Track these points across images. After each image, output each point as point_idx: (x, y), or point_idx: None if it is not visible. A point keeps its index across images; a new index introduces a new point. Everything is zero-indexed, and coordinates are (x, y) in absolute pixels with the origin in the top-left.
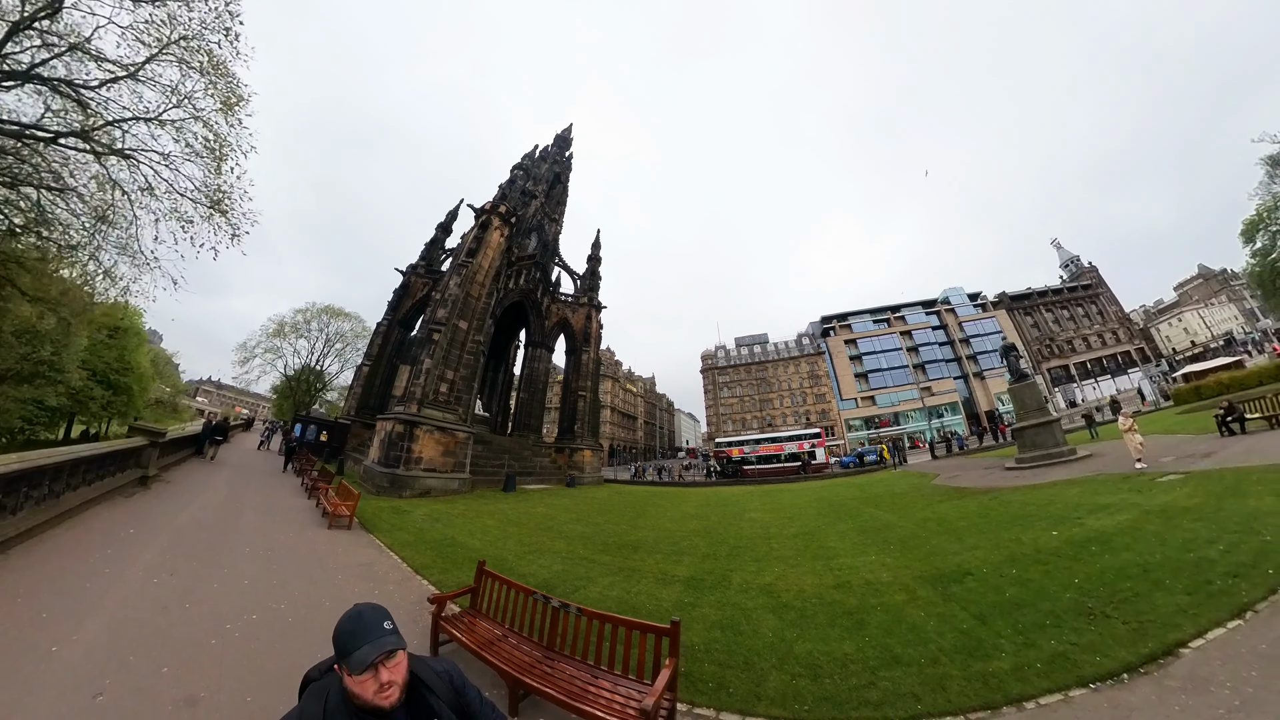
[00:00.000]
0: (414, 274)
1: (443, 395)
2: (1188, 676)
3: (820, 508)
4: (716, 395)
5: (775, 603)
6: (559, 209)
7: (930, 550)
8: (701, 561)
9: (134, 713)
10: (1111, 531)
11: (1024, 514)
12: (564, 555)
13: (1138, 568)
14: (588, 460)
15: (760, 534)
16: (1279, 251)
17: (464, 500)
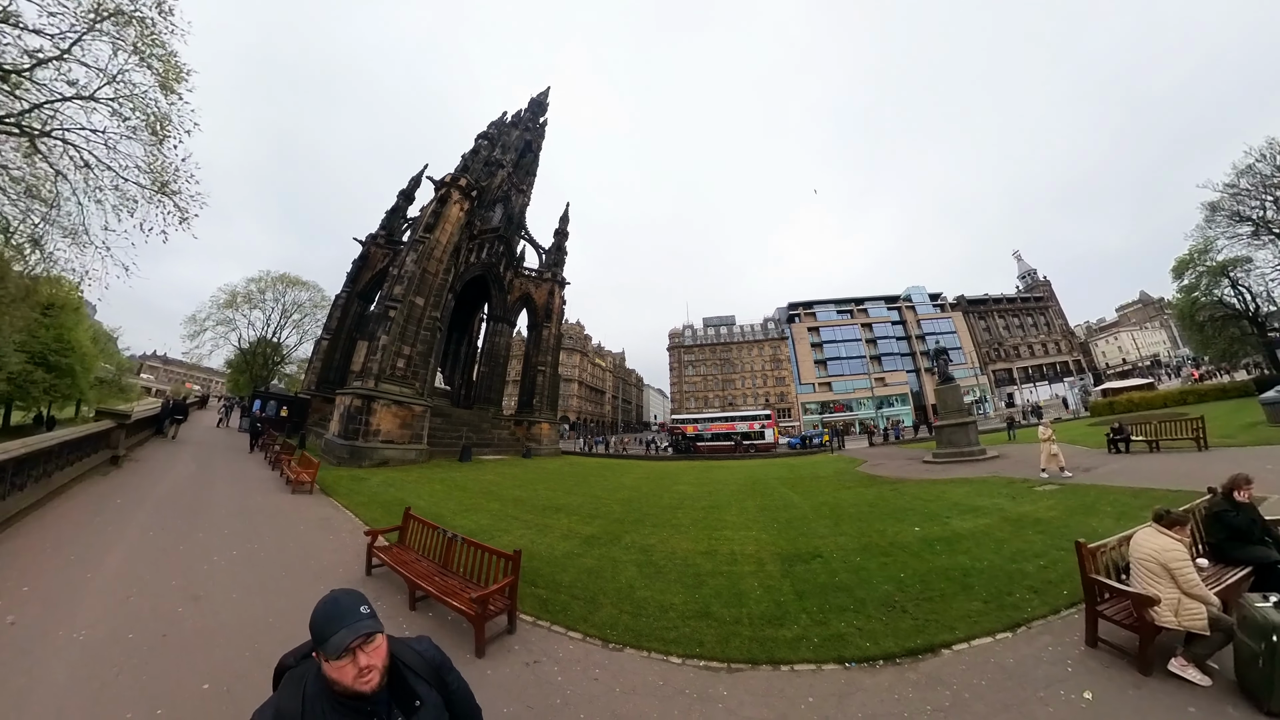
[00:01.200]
0: (374, 244)
1: (400, 370)
2: (928, 674)
3: (743, 484)
4: (681, 373)
5: (644, 559)
6: (528, 180)
7: (805, 532)
8: (608, 523)
9: (156, 608)
10: (965, 533)
11: (907, 507)
12: (494, 513)
13: (961, 571)
14: (545, 433)
15: (674, 504)
16: (1200, 290)
17: (419, 469)
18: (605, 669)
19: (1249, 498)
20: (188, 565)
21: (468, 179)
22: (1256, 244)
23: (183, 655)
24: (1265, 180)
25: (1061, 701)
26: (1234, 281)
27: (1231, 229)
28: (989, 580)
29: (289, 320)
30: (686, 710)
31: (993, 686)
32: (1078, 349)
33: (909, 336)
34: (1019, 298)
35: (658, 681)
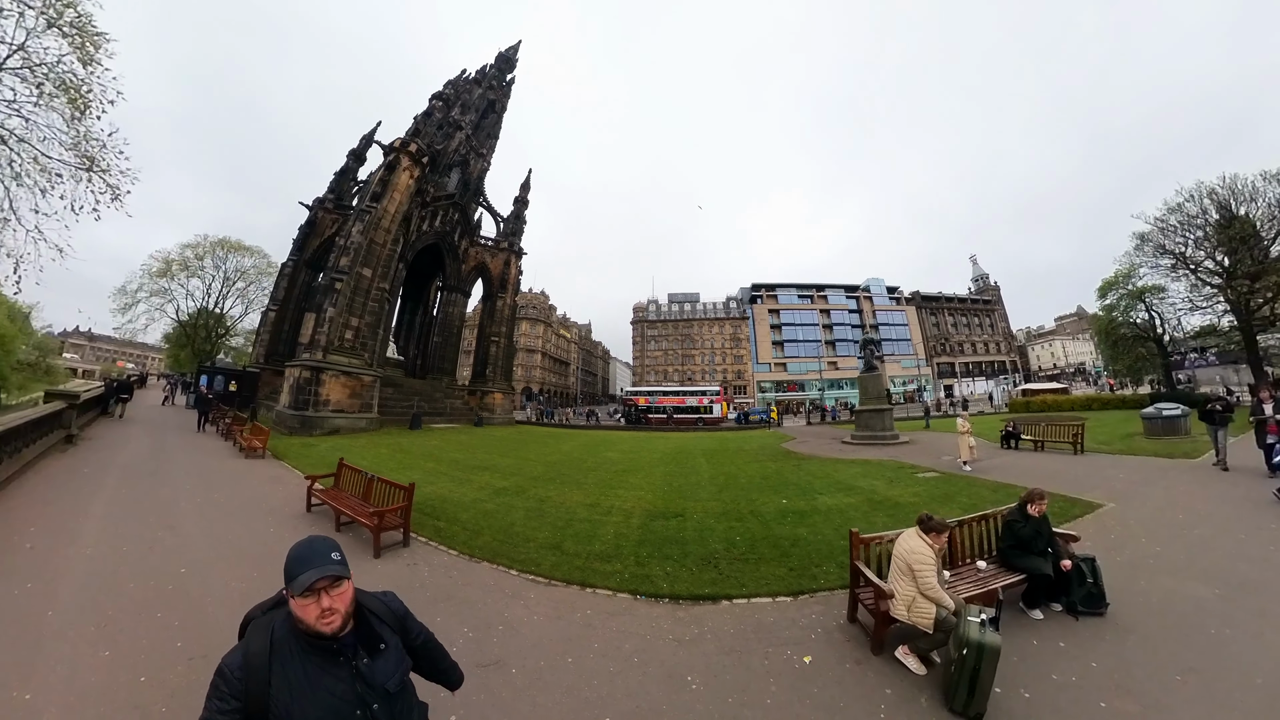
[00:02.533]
0: (322, 209)
1: (348, 342)
2: (694, 615)
3: (667, 454)
4: (644, 347)
5: (536, 507)
6: (489, 143)
7: (686, 495)
8: (523, 480)
9: (140, 534)
10: (823, 509)
11: (793, 482)
12: (427, 470)
13: (791, 541)
14: (498, 402)
15: (593, 467)
16: (1119, 311)
17: (369, 436)
18: (461, 572)
19: (1040, 512)
20: (160, 509)
21: (418, 144)
22: (1173, 276)
23: (165, 557)
24: (1190, 220)
25: (783, 658)
26: (1149, 306)
27: (1155, 260)
28: (809, 551)
29: (232, 289)
30: (498, 599)
31: (736, 635)
32: (1016, 351)
33: (863, 325)
34: (970, 299)
35: (490, 583)
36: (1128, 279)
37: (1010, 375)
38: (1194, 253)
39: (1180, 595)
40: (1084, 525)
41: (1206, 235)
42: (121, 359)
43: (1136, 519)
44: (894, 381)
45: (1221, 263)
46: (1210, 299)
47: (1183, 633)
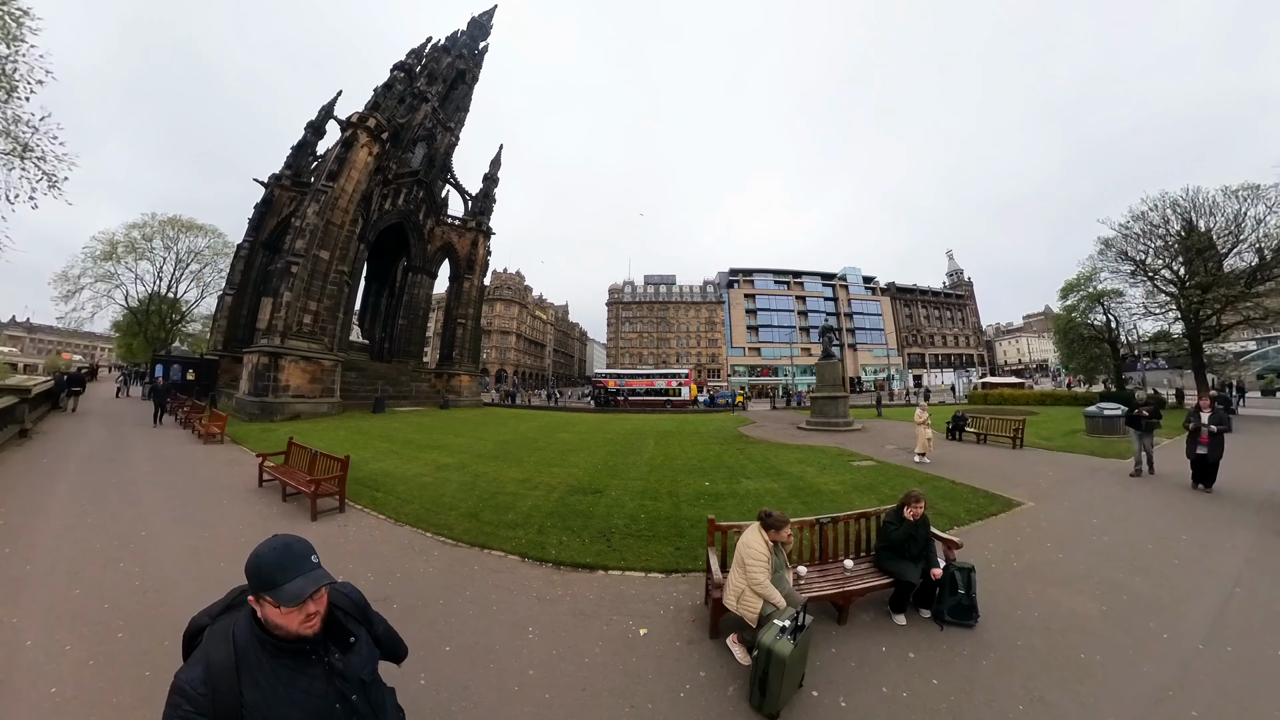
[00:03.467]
0: (278, 186)
1: (307, 326)
2: (565, 579)
3: (620, 434)
4: (619, 329)
5: (470, 481)
6: (458, 116)
7: (616, 474)
8: (468, 458)
9: (103, 509)
10: (742, 493)
11: (729, 465)
12: (380, 449)
13: (688, 522)
14: (465, 385)
15: (541, 447)
16: (1078, 312)
17: (330, 420)
18: (383, 533)
19: (916, 515)
20: (121, 488)
21: (378, 119)
22: (1132, 282)
23: (126, 525)
24: (1152, 229)
25: (622, 626)
26: (1106, 309)
27: (1116, 265)
28: (704, 534)
29: (185, 272)
30: (406, 555)
31: (593, 601)
32: (984, 346)
33: (838, 313)
34: (943, 293)
35: (405, 542)
36: (1089, 281)
37: (978, 368)
38: (1153, 261)
39: (1064, 611)
40: (995, 525)
41: (1166, 245)
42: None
43: (1049, 521)
44: (865, 370)
45: (1178, 272)
46: (1164, 306)
47: (1049, 655)
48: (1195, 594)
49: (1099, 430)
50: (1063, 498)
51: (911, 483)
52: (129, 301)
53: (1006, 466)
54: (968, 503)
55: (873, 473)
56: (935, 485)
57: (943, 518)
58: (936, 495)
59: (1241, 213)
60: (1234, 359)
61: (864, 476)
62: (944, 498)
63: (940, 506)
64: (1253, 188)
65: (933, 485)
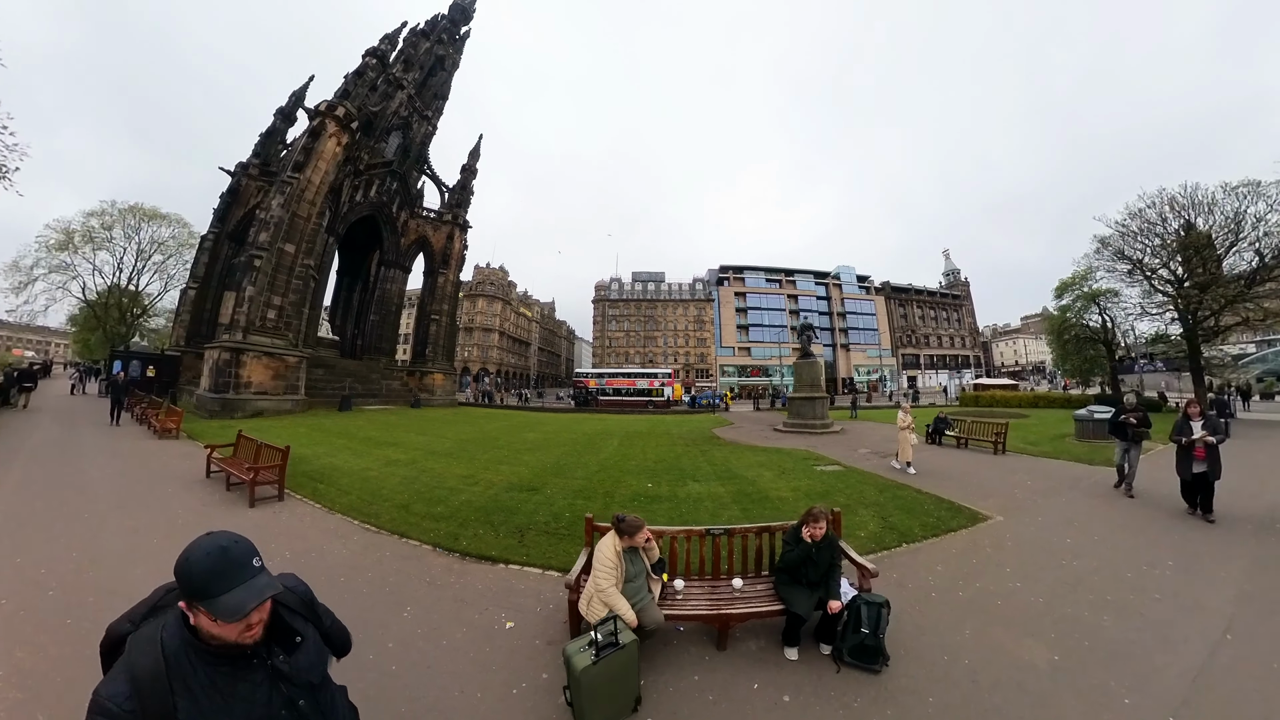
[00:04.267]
0: (245, 175)
1: (270, 321)
2: (464, 569)
3: (586, 435)
4: (605, 327)
5: (414, 476)
6: (436, 104)
7: (565, 474)
8: (421, 454)
9: (51, 495)
10: (680, 498)
11: (686, 467)
12: (336, 446)
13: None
14: (438, 383)
15: (503, 445)
16: (1073, 312)
17: (293, 418)
18: (313, 520)
19: (814, 536)
20: (69, 478)
21: (347, 107)
22: (1129, 281)
23: (72, 508)
24: (1150, 227)
25: (493, 617)
26: (1102, 309)
27: (1113, 264)
28: None
29: (148, 263)
30: (328, 538)
31: (479, 591)
32: (979, 347)
33: (831, 313)
34: (939, 292)
35: (331, 528)
36: (1084, 280)
37: (973, 370)
38: (1150, 260)
39: (1004, 658)
40: (952, 544)
41: (1164, 243)
42: (18, 346)
43: (1016, 540)
44: (858, 370)
45: (1175, 272)
46: (1161, 307)
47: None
48: (1175, 641)
49: (1088, 434)
50: (1037, 512)
51: (871, 490)
52: (86, 294)
53: (982, 474)
54: (928, 515)
55: (834, 479)
56: (897, 495)
57: (893, 533)
58: (895, 506)
59: (1241, 210)
60: (1232, 362)
61: (823, 482)
62: (903, 509)
63: (894, 519)
64: (1253, 184)
65: (894, 495)
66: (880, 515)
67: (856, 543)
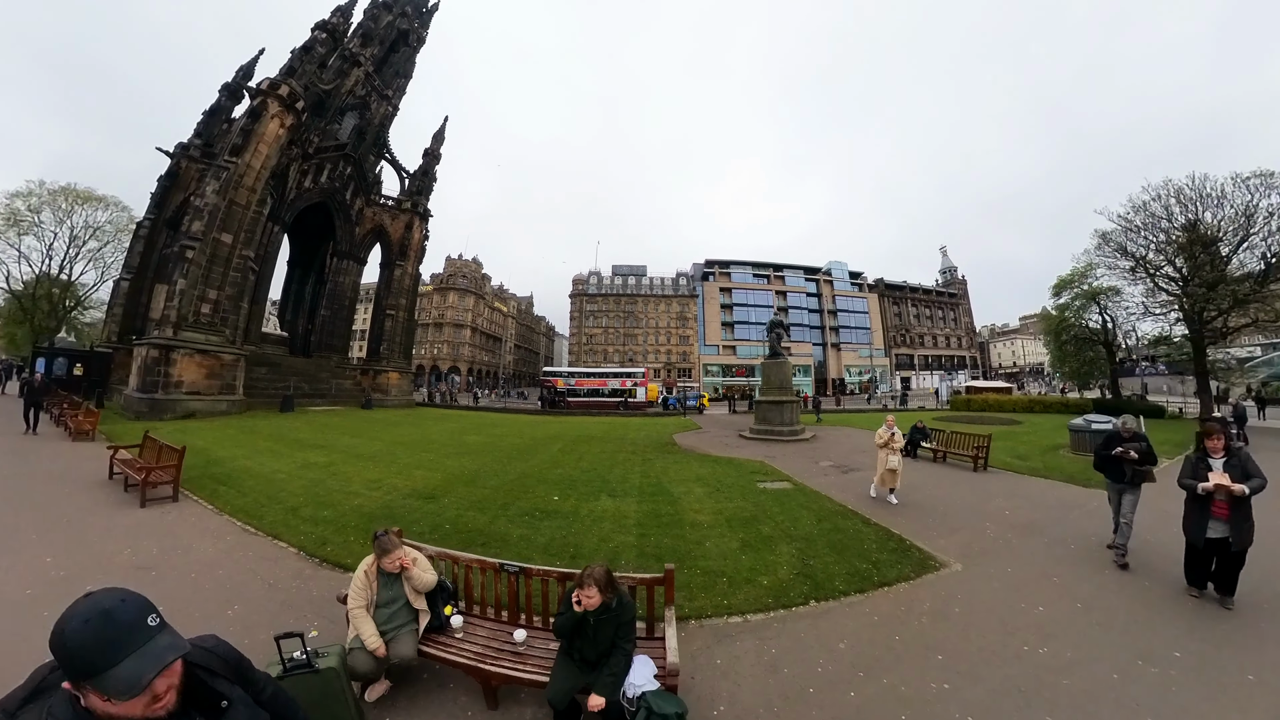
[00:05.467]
0: (186, 156)
1: (205, 317)
2: (326, 576)
3: (533, 439)
4: (582, 323)
5: (321, 480)
6: (398, 82)
7: (478, 482)
8: (346, 457)
9: None
10: (583, 514)
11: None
12: (259, 449)
13: (483, 537)
14: (394, 383)
15: (437, 448)
16: (1072, 311)
17: (226, 420)
18: (199, 520)
19: (586, 605)
20: None
21: (292, 86)
22: (1131, 279)
23: None
24: (1155, 221)
25: (310, 621)
26: (1102, 308)
27: (1115, 260)
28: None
29: (82, 251)
30: (203, 537)
31: (314, 597)
32: (976, 347)
33: (822, 310)
34: (935, 290)
35: (213, 528)
36: (1084, 277)
37: (969, 371)
38: (1154, 256)
39: None
40: (879, 604)
41: (1169, 239)
42: None
43: (968, 605)
44: (849, 371)
45: (1181, 269)
46: (1166, 306)
47: None
48: None
49: (1085, 447)
50: (1008, 558)
51: (808, 519)
52: (10, 284)
53: (954, 498)
54: (863, 559)
55: (772, 500)
56: (837, 527)
57: (805, 583)
58: (827, 543)
59: (1253, 204)
60: (1238, 365)
61: (756, 505)
62: (835, 548)
63: (818, 562)
64: (1265, 175)
65: (833, 526)
66: (802, 555)
67: (751, 594)
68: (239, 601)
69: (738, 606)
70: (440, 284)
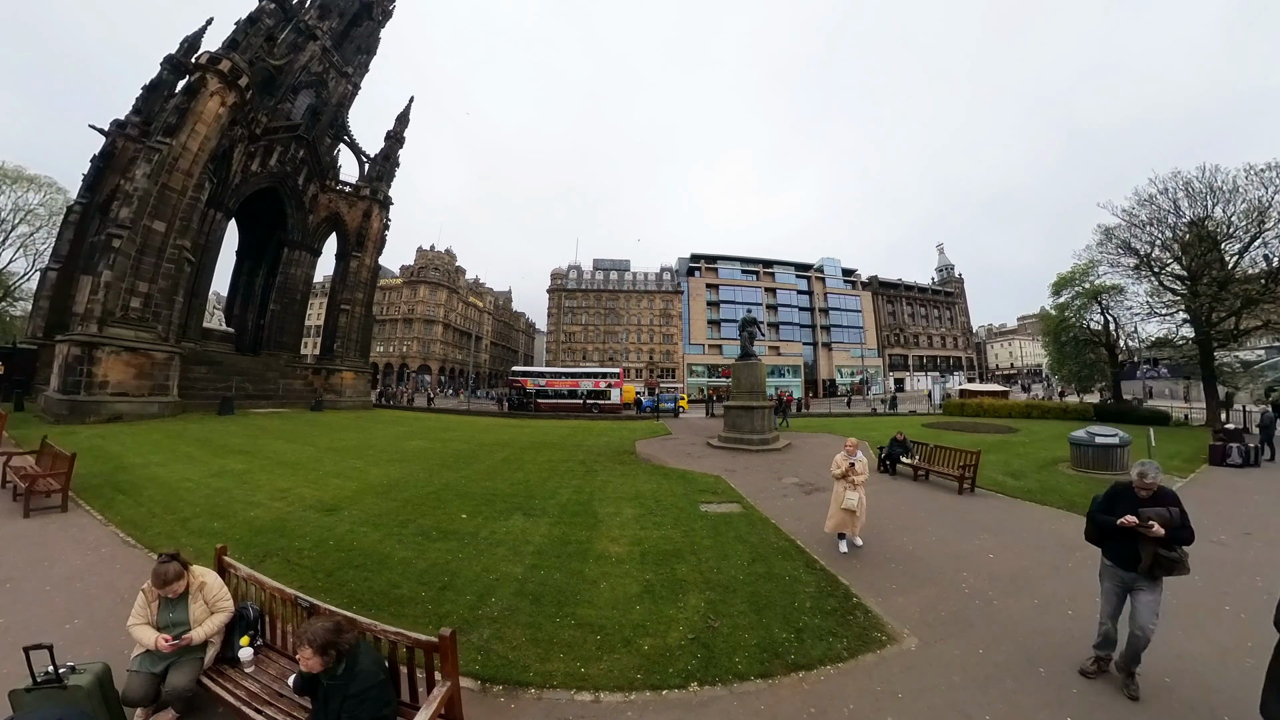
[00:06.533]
0: (122, 135)
1: (135, 311)
2: None
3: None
4: (560, 319)
5: (234, 487)
6: (361, 59)
7: (391, 494)
8: (269, 464)
9: None
10: (483, 537)
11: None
12: (177, 454)
13: (367, 555)
14: (348, 383)
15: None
16: (1072, 311)
17: (156, 423)
18: (79, 531)
19: (307, 668)
20: None
21: (234, 60)
22: (1135, 277)
23: None
24: (1161, 216)
25: None
26: (1104, 308)
27: (1118, 258)
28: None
29: (10, 236)
30: (77, 550)
31: None
32: (973, 348)
33: (813, 308)
34: (931, 289)
35: (94, 539)
36: (1085, 275)
37: (965, 372)
38: (1160, 253)
39: None
40: (795, 698)
41: (1175, 235)
42: None
43: (911, 710)
44: (840, 371)
45: (1189, 266)
46: (1171, 306)
47: None
48: None
49: (1088, 463)
50: (981, 631)
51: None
52: None
53: (929, 532)
54: (791, 622)
55: (710, 528)
56: (772, 571)
57: (699, 652)
58: (748, 596)
59: (1267, 198)
60: (1243, 369)
61: (687, 534)
62: (757, 604)
63: (731, 622)
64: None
65: (768, 570)
66: (711, 611)
67: (621, 663)
68: (83, 615)
69: (596, 679)
70: (410, 277)
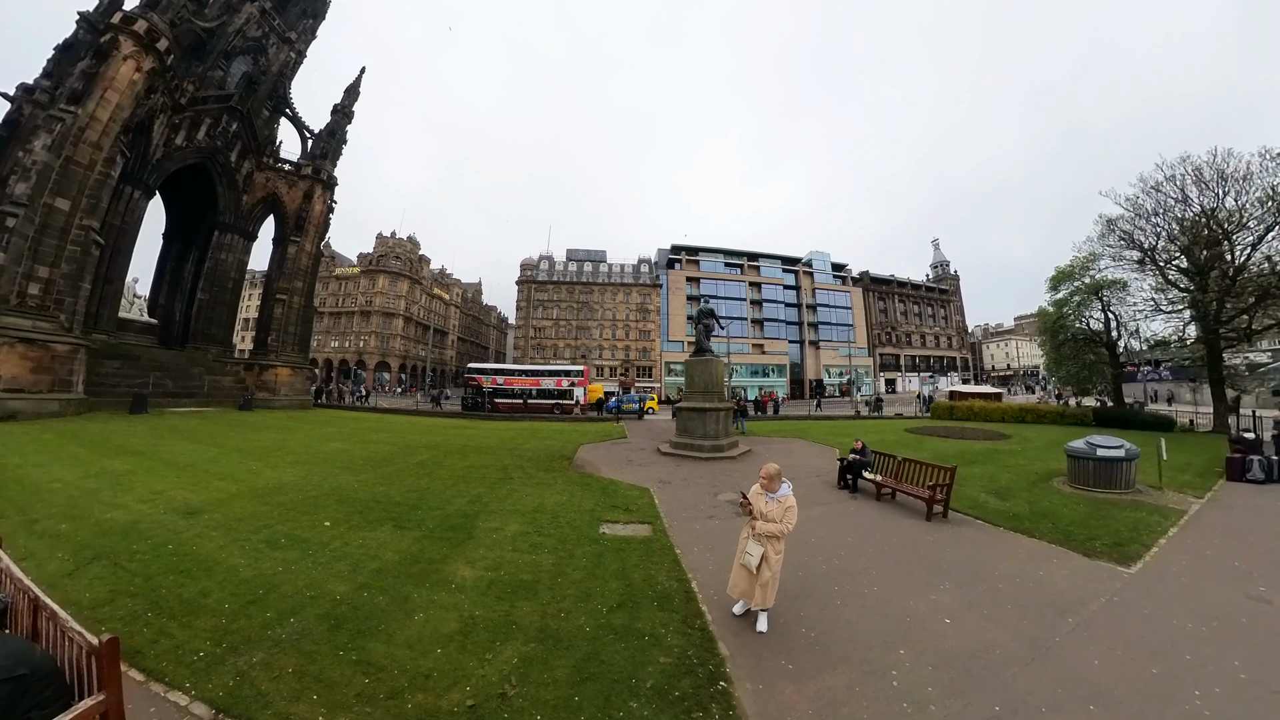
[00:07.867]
0: (30, 101)
1: (33, 299)
2: None
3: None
4: (530, 313)
5: (106, 488)
6: (305, 23)
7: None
8: (152, 466)
9: None
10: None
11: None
12: (60, 453)
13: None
14: (283, 380)
15: (282, 456)
16: (1071, 308)
17: (52, 422)
18: None
19: None
20: None
21: (152, 21)
22: (1138, 273)
23: None
24: (1167, 206)
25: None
26: (1105, 305)
27: (1121, 251)
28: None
29: None
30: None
31: None
32: (968, 348)
33: (800, 304)
34: (925, 286)
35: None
36: (1085, 269)
37: (960, 373)
38: (1166, 246)
39: None
40: None
41: (1183, 227)
42: None
43: None
44: (828, 371)
45: (1198, 259)
46: (1177, 303)
47: None
48: None
49: (1088, 480)
50: None
51: (607, 596)
52: None
53: (870, 577)
54: (613, 710)
55: (594, 556)
56: (632, 626)
57: None
58: (569, 671)
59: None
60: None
61: (559, 563)
62: (585, 671)
63: (533, 696)
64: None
65: (626, 623)
66: (511, 673)
67: (365, 718)
68: None
69: None
70: (369, 266)
